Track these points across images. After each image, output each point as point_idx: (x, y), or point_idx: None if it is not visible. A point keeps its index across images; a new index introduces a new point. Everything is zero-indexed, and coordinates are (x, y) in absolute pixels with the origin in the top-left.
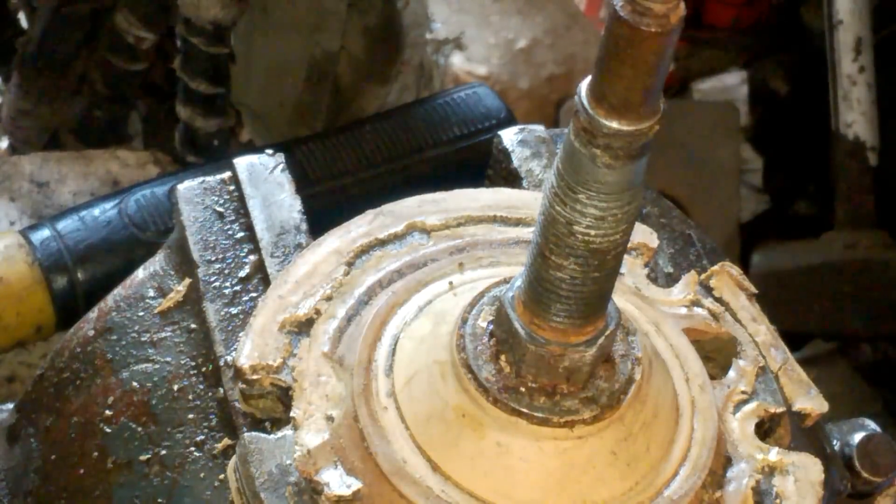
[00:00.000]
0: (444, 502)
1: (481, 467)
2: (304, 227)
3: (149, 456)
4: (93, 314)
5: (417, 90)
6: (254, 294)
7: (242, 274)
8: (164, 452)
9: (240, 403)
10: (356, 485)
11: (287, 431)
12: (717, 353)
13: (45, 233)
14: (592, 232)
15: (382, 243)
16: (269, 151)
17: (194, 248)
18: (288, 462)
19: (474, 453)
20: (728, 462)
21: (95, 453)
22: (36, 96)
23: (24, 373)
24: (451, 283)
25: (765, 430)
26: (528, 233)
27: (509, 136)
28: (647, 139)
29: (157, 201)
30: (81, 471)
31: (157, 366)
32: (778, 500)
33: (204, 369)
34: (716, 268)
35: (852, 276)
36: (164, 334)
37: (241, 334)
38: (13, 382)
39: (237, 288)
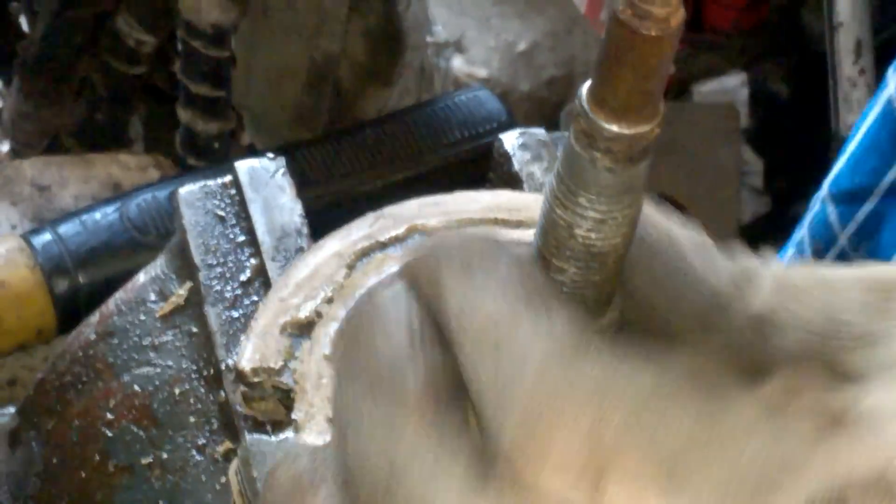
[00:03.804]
0: None
1: None
2: (305, 230)
3: (150, 459)
4: (94, 318)
5: (418, 93)
6: (255, 297)
7: (244, 277)
8: (165, 456)
9: (241, 406)
10: None
11: (289, 434)
12: None
13: (46, 236)
14: (593, 235)
15: (383, 246)
16: (270, 155)
17: (195, 251)
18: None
19: None
20: None
21: (97, 457)
22: (37, 100)
23: (26, 376)
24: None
25: None
26: (528, 235)
27: (510, 140)
28: (648, 142)
29: (159, 205)
30: (83, 474)
31: (158, 369)
32: None
33: (205, 373)
34: None
35: None
36: (165, 338)
37: (242, 337)
38: (14, 386)
39: (238, 291)
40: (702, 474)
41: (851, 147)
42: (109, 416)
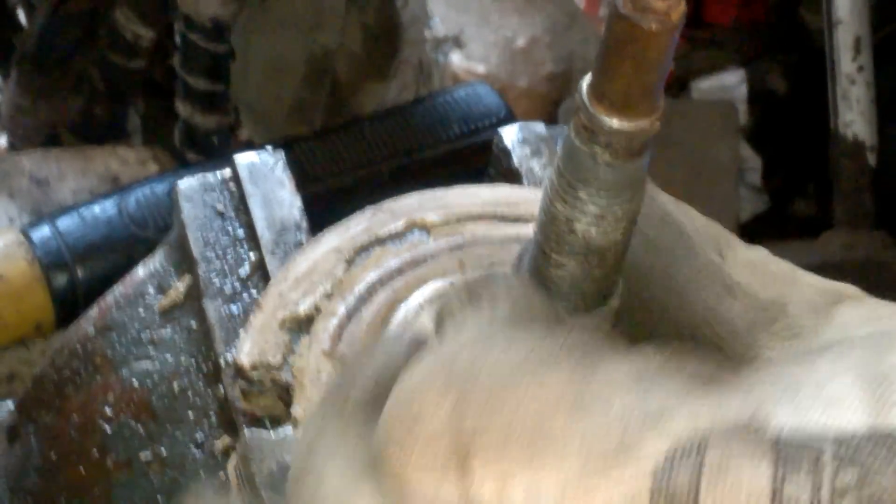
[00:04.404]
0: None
1: None
2: (304, 224)
3: (149, 454)
4: (93, 312)
5: (416, 88)
6: (254, 292)
7: (242, 272)
8: (164, 451)
9: (240, 401)
10: None
11: (288, 429)
12: None
13: (44, 230)
14: (593, 230)
15: (382, 241)
16: (270, 149)
17: (194, 245)
18: (289, 459)
19: None
20: None
21: (96, 451)
22: (35, 93)
23: (24, 371)
24: (452, 284)
25: None
26: (527, 230)
27: (509, 135)
28: (648, 137)
29: (157, 199)
30: (82, 469)
31: (157, 364)
32: None
33: (204, 368)
34: None
35: (851, 276)
36: (163, 332)
37: (241, 332)
38: (13, 380)
39: (237, 286)
40: (567, 435)
41: None
42: (108, 410)
